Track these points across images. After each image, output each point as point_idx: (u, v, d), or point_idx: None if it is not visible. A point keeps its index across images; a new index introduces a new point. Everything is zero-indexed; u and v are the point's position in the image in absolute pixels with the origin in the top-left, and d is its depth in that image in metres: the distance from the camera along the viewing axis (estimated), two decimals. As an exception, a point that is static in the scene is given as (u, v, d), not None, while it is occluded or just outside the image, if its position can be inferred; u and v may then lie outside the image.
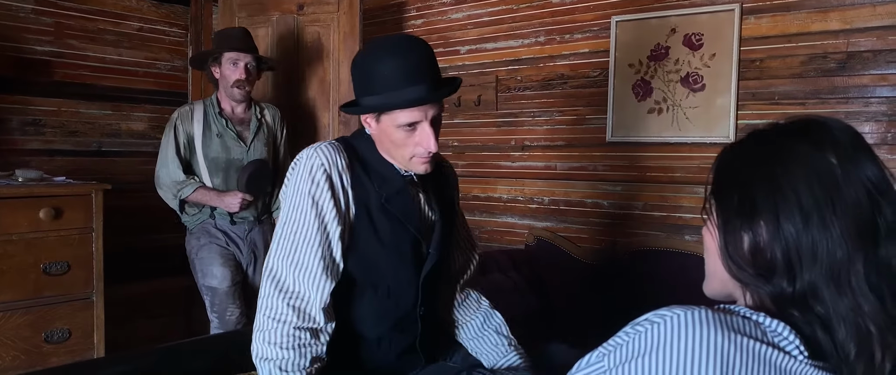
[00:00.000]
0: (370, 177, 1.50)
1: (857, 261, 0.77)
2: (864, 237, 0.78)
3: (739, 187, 0.86)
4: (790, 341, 0.78)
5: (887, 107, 2.33)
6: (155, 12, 3.56)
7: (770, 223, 0.81)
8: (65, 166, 3.19)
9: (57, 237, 2.60)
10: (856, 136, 0.84)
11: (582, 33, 3.02)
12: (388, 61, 1.40)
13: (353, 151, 1.51)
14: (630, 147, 2.89)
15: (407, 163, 1.49)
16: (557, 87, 3.10)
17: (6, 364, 2.49)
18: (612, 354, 0.81)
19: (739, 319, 0.78)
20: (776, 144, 0.85)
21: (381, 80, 1.40)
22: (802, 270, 0.79)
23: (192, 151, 2.83)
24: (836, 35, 2.40)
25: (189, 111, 2.85)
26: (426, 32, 3.56)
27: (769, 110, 2.53)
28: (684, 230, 2.74)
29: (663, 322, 0.77)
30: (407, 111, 1.40)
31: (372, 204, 1.48)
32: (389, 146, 1.48)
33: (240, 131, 2.87)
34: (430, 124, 1.43)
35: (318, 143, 1.49)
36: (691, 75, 2.70)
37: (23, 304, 2.53)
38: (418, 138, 1.43)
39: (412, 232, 1.52)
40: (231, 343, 1.97)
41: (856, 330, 0.77)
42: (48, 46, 3.18)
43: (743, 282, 0.85)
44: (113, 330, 2.82)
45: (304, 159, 1.46)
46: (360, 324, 1.53)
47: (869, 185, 0.80)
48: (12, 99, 3.08)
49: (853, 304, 0.77)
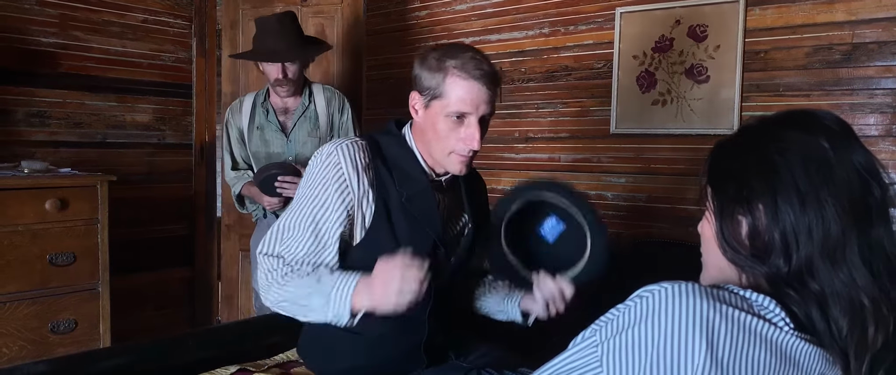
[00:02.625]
0: (392, 174, 1.48)
1: (851, 238, 0.81)
2: (858, 215, 0.81)
3: (735, 174, 0.89)
4: (776, 313, 0.81)
5: (892, 98, 2.32)
6: (159, 4, 3.57)
7: (768, 205, 0.84)
8: (70, 157, 3.20)
9: (62, 228, 2.61)
10: (843, 124, 0.88)
11: (586, 25, 3.01)
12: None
13: (376, 148, 1.50)
14: (634, 139, 2.89)
15: (444, 159, 1.47)
16: (561, 79, 3.09)
17: (13, 355, 2.51)
18: (604, 328, 0.85)
19: (726, 292, 0.82)
20: (768, 133, 0.89)
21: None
22: (799, 248, 0.82)
23: (244, 145, 2.77)
24: (842, 26, 2.39)
25: (239, 104, 2.78)
26: (430, 24, 3.56)
27: (774, 102, 2.53)
28: (689, 221, 2.74)
29: (652, 296, 0.82)
30: (459, 99, 1.39)
31: (392, 202, 1.47)
32: (431, 137, 1.46)
33: (283, 121, 2.73)
34: (479, 121, 1.42)
35: (341, 140, 1.48)
36: (696, 67, 2.69)
37: (29, 295, 2.55)
38: (463, 133, 1.42)
39: (432, 235, 1.50)
40: (236, 334, 1.98)
41: (849, 304, 0.80)
42: (53, 38, 3.19)
43: (738, 265, 0.89)
44: (118, 321, 2.84)
45: (323, 154, 1.46)
46: (367, 323, 1.49)
47: (859, 167, 0.83)
48: (17, 90, 3.09)
49: (848, 278, 0.80)
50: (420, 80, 1.45)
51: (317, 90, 2.76)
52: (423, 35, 3.60)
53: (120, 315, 2.88)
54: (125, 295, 3.20)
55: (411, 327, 1.53)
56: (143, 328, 3.49)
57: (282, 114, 2.72)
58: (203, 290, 3.87)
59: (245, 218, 3.49)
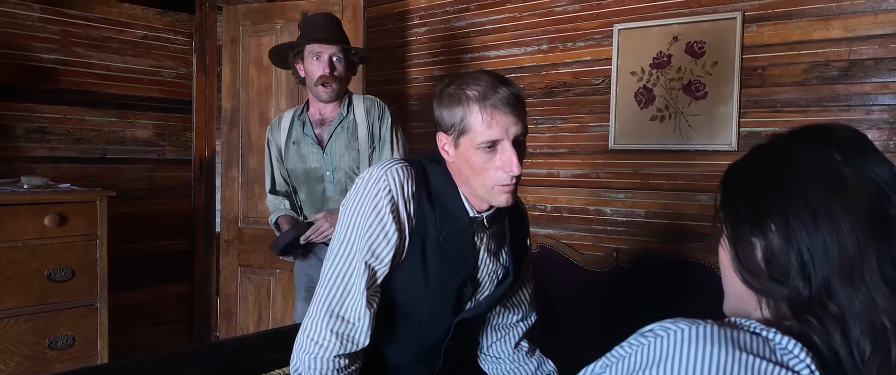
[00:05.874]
0: (434, 209, 1.41)
1: (869, 255, 0.75)
2: (876, 231, 0.76)
3: (746, 195, 0.85)
4: (801, 359, 0.75)
5: (889, 114, 2.33)
6: (160, 20, 3.59)
7: (780, 225, 0.79)
8: (70, 173, 3.21)
9: (61, 243, 2.61)
10: (860, 136, 0.82)
11: (584, 41, 3.03)
12: None
13: (423, 178, 1.42)
14: (632, 154, 2.89)
15: (488, 193, 1.37)
16: (560, 95, 3.11)
17: (10, 371, 2.50)
18: (615, 366, 0.80)
19: (747, 335, 0.76)
20: (779, 150, 0.85)
21: None
22: (816, 269, 0.77)
23: (282, 163, 2.59)
24: (838, 43, 2.41)
25: (278, 120, 2.59)
26: (429, 40, 3.58)
27: (771, 118, 2.54)
28: (687, 237, 2.74)
29: (666, 336, 0.76)
30: (486, 128, 1.31)
31: (429, 239, 1.41)
32: (469, 175, 1.37)
33: (319, 134, 2.50)
34: (512, 144, 1.33)
35: (390, 163, 1.40)
36: (694, 83, 2.71)
37: (27, 310, 2.54)
38: (499, 160, 1.32)
39: (463, 275, 1.45)
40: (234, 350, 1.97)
41: (870, 327, 0.75)
42: (54, 54, 3.20)
43: (758, 291, 0.83)
44: (116, 337, 2.83)
45: (372, 179, 1.38)
46: (384, 350, 1.50)
47: (877, 179, 0.78)
48: (18, 106, 3.10)
49: (867, 299, 0.75)
50: (442, 120, 1.38)
51: (356, 100, 2.55)
52: (422, 51, 3.62)
53: (118, 331, 2.87)
54: (123, 310, 3.19)
55: (426, 357, 1.53)
56: (142, 344, 3.49)
57: (318, 126, 2.51)
58: (201, 306, 3.86)
59: (244, 234, 3.50)
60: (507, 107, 1.31)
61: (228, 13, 3.51)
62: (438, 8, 3.55)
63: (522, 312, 1.72)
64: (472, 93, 1.32)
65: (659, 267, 2.72)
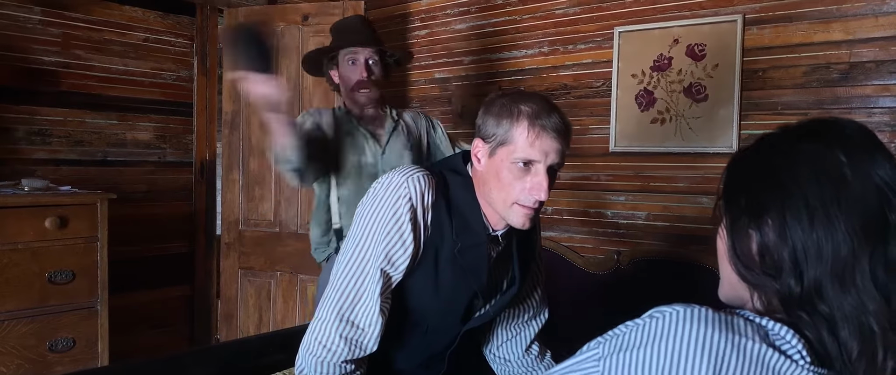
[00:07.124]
0: (452, 220, 1.40)
1: (862, 259, 0.76)
2: (872, 234, 0.76)
3: (747, 187, 0.85)
4: (793, 345, 0.77)
5: (890, 117, 2.33)
6: (161, 23, 3.59)
7: (776, 221, 0.80)
8: (70, 175, 3.21)
9: (62, 246, 2.61)
10: (868, 135, 0.82)
11: (585, 44, 3.03)
12: None
13: (443, 187, 1.41)
14: (633, 157, 2.89)
15: (506, 211, 1.36)
16: (561, 98, 3.10)
17: (11, 373, 2.50)
18: (609, 342, 0.82)
19: (741, 320, 0.77)
20: (785, 145, 0.85)
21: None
22: (808, 268, 0.78)
23: (319, 130, 2.30)
24: (839, 45, 2.41)
25: (317, 111, 2.37)
26: (430, 43, 3.58)
27: (772, 120, 2.54)
28: (688, 240, 2.74)
29: (662, 317, 0.78)
30: (528, 144, 1.30)
31: (443, 251, 1.40)
32: (494, 186, 1.35)
33: (372, 130, 2.35)
34: (546, 170, 1.31)
35: (412, 170, 1.39)
36: (694, 85, 2.71)
37: (27, 313, 2.54)
38: (530, 182, 1.31)
39: (475, 288, 1.45)
40: (235, 353, 1.97)
41: (859, 329, 0.76)
42: (55, 57, 3.21)
43: (750, 283, 0.84)
44: (117, 340, 2.83)
45: (392, 185, 1.37)
46: (389, 355, 1.50)
47: (880, 182, 0.78)
48: (19, 109, 3.11)
49: (857, 302, 0.76)
50: (485, 127, 1.36)
51: (398, 112, 2.45)
52: (423, 54, 3.62)
53: (118, 334, 2.87)
54: (124, 313, 3.19)
55: (431, 363, 1.53)
56: (142, 346, 3.48)
57: (370, 124, 2.35)
58: (202, 308, 3.85)
59: (245, 237, 3.50)
60: (555, 132, 1.31)
61: (229, 16, 3.51)
62: (439, 11, 3.55)
63: (533, 310, 1.73)
64: (525, 109, 1.31)
65: (660, 269, 2.71)
